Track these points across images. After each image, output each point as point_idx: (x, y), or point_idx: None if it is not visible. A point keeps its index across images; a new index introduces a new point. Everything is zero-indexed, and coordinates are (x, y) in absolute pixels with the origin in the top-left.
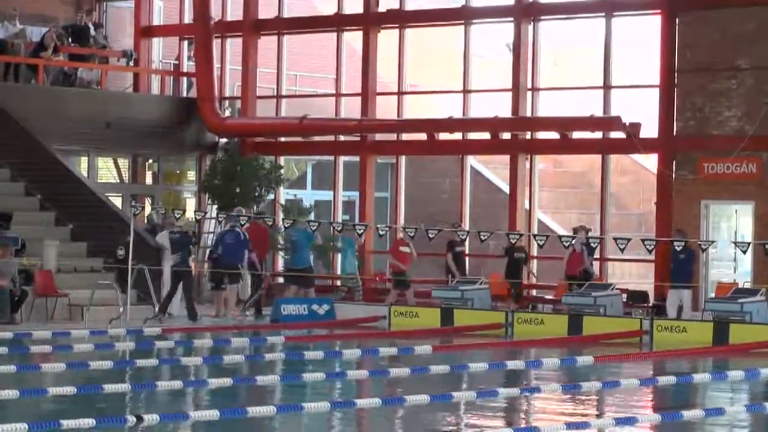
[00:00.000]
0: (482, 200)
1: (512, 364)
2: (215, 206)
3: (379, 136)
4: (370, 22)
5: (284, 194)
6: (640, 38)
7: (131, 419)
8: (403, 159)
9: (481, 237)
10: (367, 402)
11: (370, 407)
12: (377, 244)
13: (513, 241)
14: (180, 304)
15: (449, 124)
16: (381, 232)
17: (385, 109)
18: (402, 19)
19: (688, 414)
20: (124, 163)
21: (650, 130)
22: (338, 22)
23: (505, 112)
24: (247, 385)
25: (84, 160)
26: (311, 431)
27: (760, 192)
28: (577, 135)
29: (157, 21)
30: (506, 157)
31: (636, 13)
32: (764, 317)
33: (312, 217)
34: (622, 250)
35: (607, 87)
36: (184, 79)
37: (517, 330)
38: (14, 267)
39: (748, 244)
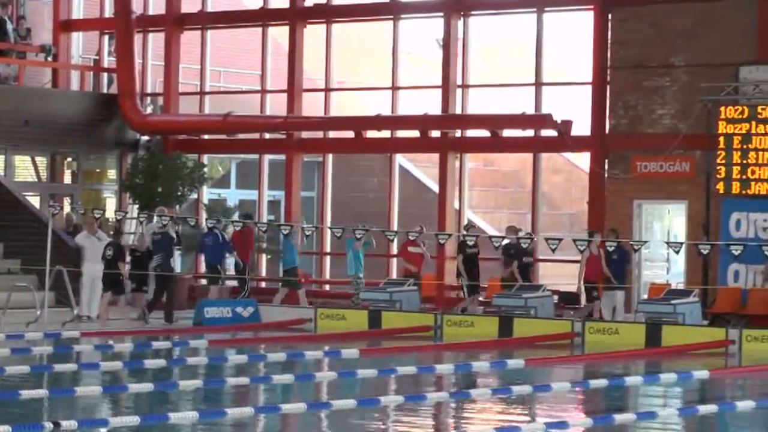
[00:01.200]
0: (411, 199)
1: (441, 368)
2: (137, 206)
3: (305, 134)
4: (296, 16)
5: (208, 194)
6: (573, 35)
7: (48, 425)
8: (330, 157)
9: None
10: (293, 407)
11: (295, 412)
12: (305, 245)
13: (464, 237)
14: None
15: (377, 122)
16: (308, 233)
17: (311, 106)
18: (329, 13)
19: (620, 417)
20: (42, 161)
21: (582, 128)
22: (264, 17)
23: (435, 109)
24: (170, 390)
25: (0, 159)
26: None
27: (693, 191)
28: (507, 133)
29: (76, 15)
30: (435, 156)
31: (568, 9)
32: (697, 319)
33: (236, 217)
34: (553, 251)
35: (538, 84)
36: (105, 74)
37: (447, 332)
38: None
39: (681, 244)
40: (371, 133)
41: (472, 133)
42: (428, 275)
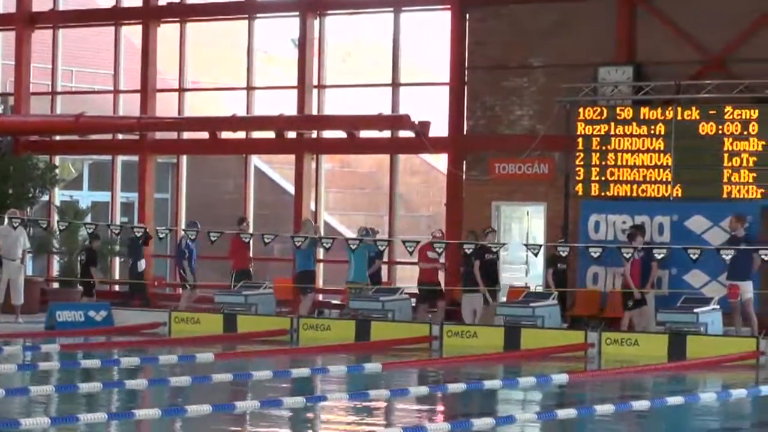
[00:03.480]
0: (267, 201)
1: (297, 372)
2: None
3: (159, 135)
4: (149, 15)
5: (59, 195)
6: (431, 35)
7: None
8: (184, 158)
9: (265, 240)
10: (146, 413)
11: (149, 418)
12: (159, 247)
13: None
14: None
15: (232, 123)
16: (161, 235)
17: (165, 106)
18: (183, 13)
19: (478, 422)
20: None
21: (440, 129)
22: (116, 16)
23: (291, 110)
24: (20, 396)
25: None
26: None
27: (552, 193)
28: (364, 134)
29: None
30: (291, 157)
31: (425, 9)
32: (556, 322)
33: (89, 219)
34: (410, 253)
35: (395, 85)
36: None
37: (303, 336)
38: None
39: (540, 246)
40: (226, 134)
41: (328, 134)
42: (282, 279)
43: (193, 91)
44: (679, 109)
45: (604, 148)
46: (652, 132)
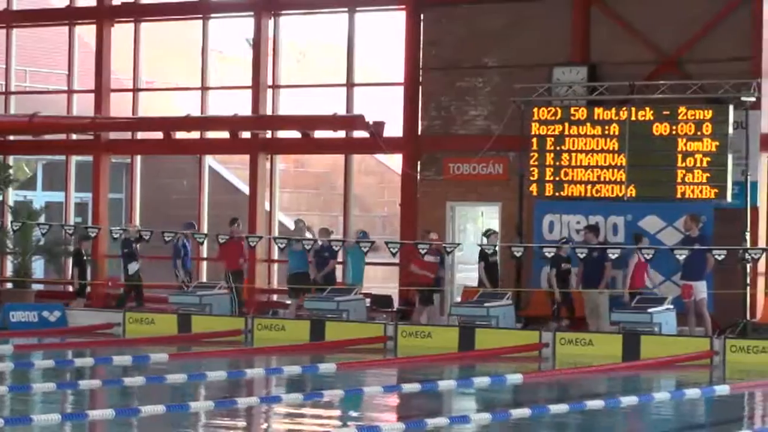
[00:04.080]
0: (221, 201)
1: (252, 372)
2: None
3: (113, 135)
4: (103, 15)
5: (13, 196)
6: (386, 35)
7: None
8: (138, 159)
9: (219, 240)
10: (101, 413)
11: (103, 419)
12: (113, 247)
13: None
14: None
15: (186, 123)
16: (115, 236)
17: (120, 106)
18: (137, 12)
19: (432, 422)
20: None
21: (395, 129)
22: (70, 15)
23: (245, 110)
24: None
25: None
26: None
27: (506, 193)
28: (319, 134)
29: None
30: (246, 157)
31: (379, 9)
32: (510, 322)
33: (42, 219)
34: (393, 254)
35: (350, 85)
36: None
37: (258, 336)
38: None
39: (494, 246)
40: (180, 134)
41: (283, 134)
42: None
43: (147, 91)
44: (633, 109)
45: (558, 148)
46: (606, 132)
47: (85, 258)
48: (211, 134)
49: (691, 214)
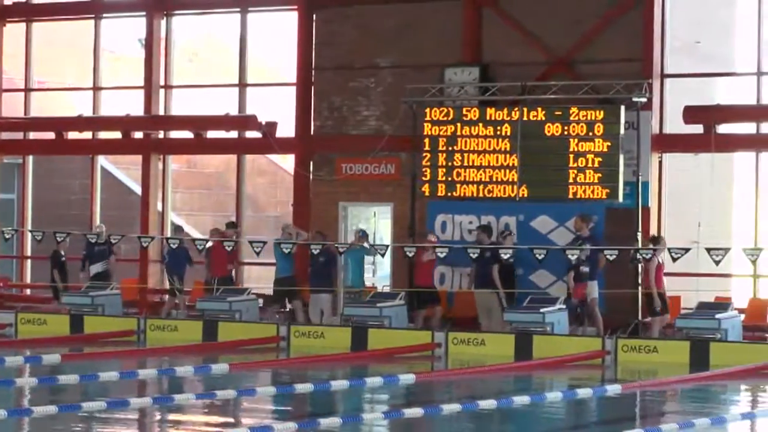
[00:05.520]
0: (114, 202)
1: (144, 373)
2: None
3: (5, 135)
4: None
5: None
6: (278, 35)
7: None
8: (30, 159)
9: (112, 240)
10: None
11: None
12: (4, 248)
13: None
14: None
15: (78, 123)
16: (7, 236)
17: (11, 106)
18: (29, 12)
19: (325, 422)
20: None
21: (287, 129)
22: None
23: (138, 110)
24: None
25: None
26: None
27: (398, 193)
28: (211, 134)
29: None
30: (138, 157)
31: (272, 9)
32: (403, 322)
33: None
34: (257, 254)
35: (242, 85)
36: None
37: (151, 337)
38: None
39: (387, 246)
40: (73, 134)
41: (175, 134)
42: (129, 279)
43: (39, 91)
44: (525, 109)
45: (450, 148)
46: (498, 133)
47: (63, 259)
48: (103, 134)
49: (581, 215)
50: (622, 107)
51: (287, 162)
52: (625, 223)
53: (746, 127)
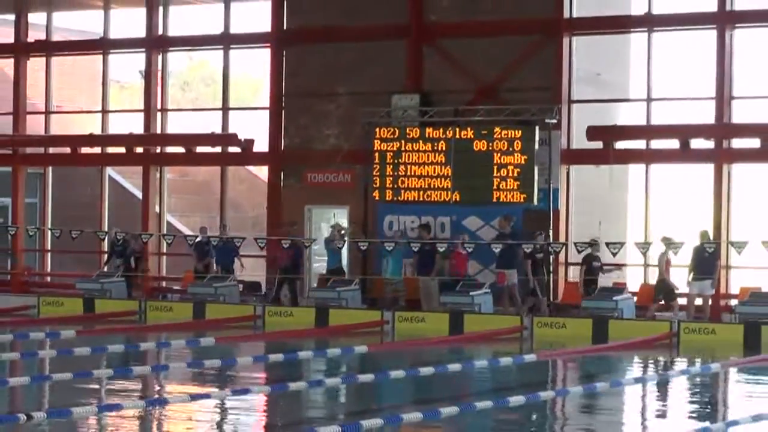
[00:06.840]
0: (119, 205)
1: (145, 346)
2: None
3: (29, 150)
4: (20, 50)
5: None
6: (258, 68)
7: None
8: (50, 169)
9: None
10: (19, 380)
11: (21, 384)
12: (28, 243)
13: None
14: None
15: (90, 140)
16: (31, 233)
17: (34, 126)
18: (49, 48)
19: (293, 385)
20: None
21: (262, 145)
22: None
23: (139, 129)
24: None
25: None
26: None
27: (353, 198)
28: (200, 149)
29: None
30: (139, 168)
31: (249, 47)
32: (358, 303)
33: None
34: (238, 247)
35: (225, 109)
36: None
37: (150, 316)
38: None
39: (344, 241)
40: (85, 150)
41: (170, 149)
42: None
43: (57, 114)
44: (458, 129)
45: (396, 161)
46: (436, 148)
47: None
48: (110, 149)
49: (504, 215)
50: (537, 127)
51: (262, 172)
52: (540, 223)
53: (638, 144)
